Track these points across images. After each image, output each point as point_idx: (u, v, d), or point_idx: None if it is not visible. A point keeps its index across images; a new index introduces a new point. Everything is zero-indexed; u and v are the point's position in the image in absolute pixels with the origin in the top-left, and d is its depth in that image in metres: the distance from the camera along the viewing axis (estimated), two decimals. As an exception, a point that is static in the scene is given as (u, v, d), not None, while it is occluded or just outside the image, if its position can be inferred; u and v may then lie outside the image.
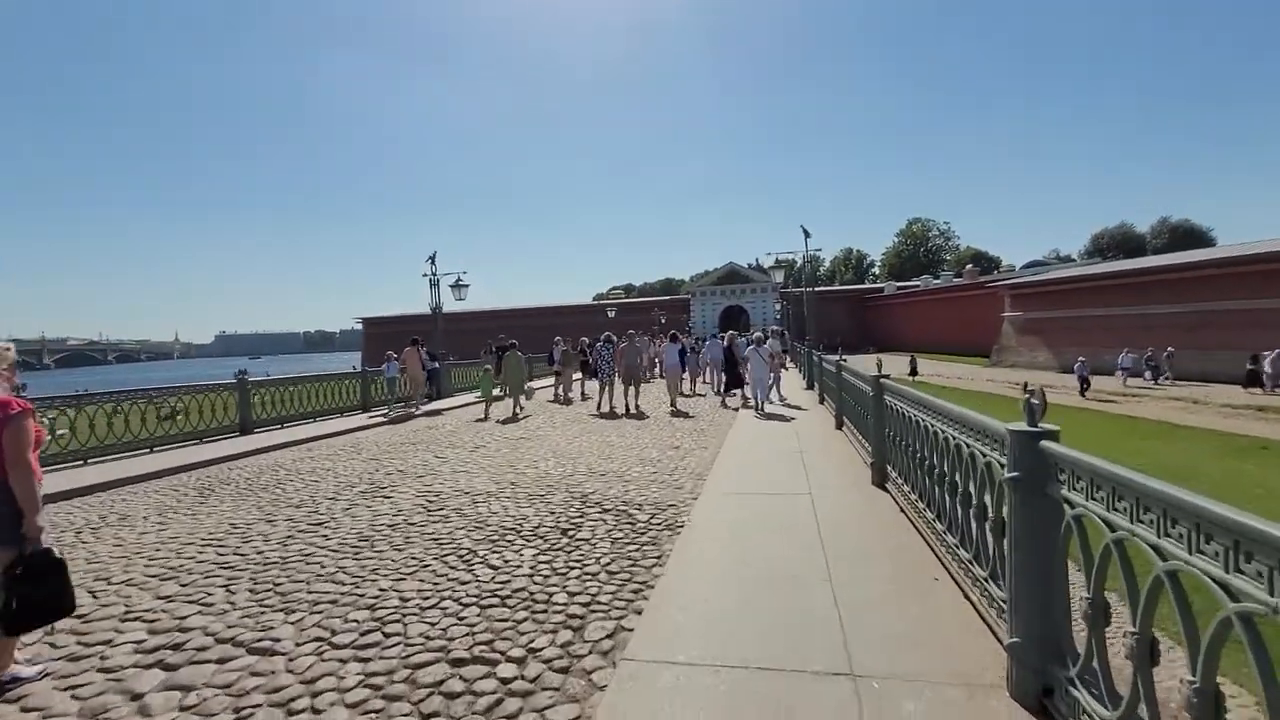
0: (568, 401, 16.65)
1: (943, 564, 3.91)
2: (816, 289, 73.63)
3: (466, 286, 18.87)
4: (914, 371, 32.46)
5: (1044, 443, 2.29)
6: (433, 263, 18.44)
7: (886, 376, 5.74)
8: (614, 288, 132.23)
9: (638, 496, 6.27)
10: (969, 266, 60.23)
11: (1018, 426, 2.42)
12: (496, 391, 15.60)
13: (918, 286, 63.14)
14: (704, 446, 9.09)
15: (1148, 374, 27.03)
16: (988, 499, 2.92)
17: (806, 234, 16.15)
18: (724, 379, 19.83)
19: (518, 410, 14.36)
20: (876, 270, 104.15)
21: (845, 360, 9.42)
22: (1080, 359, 24.59)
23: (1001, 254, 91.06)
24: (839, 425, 9.41)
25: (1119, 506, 1.84)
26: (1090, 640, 2.04)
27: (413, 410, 15.18)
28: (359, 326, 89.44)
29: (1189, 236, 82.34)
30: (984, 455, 2.91)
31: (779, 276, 16.42)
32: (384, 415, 14.42)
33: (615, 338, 17.80)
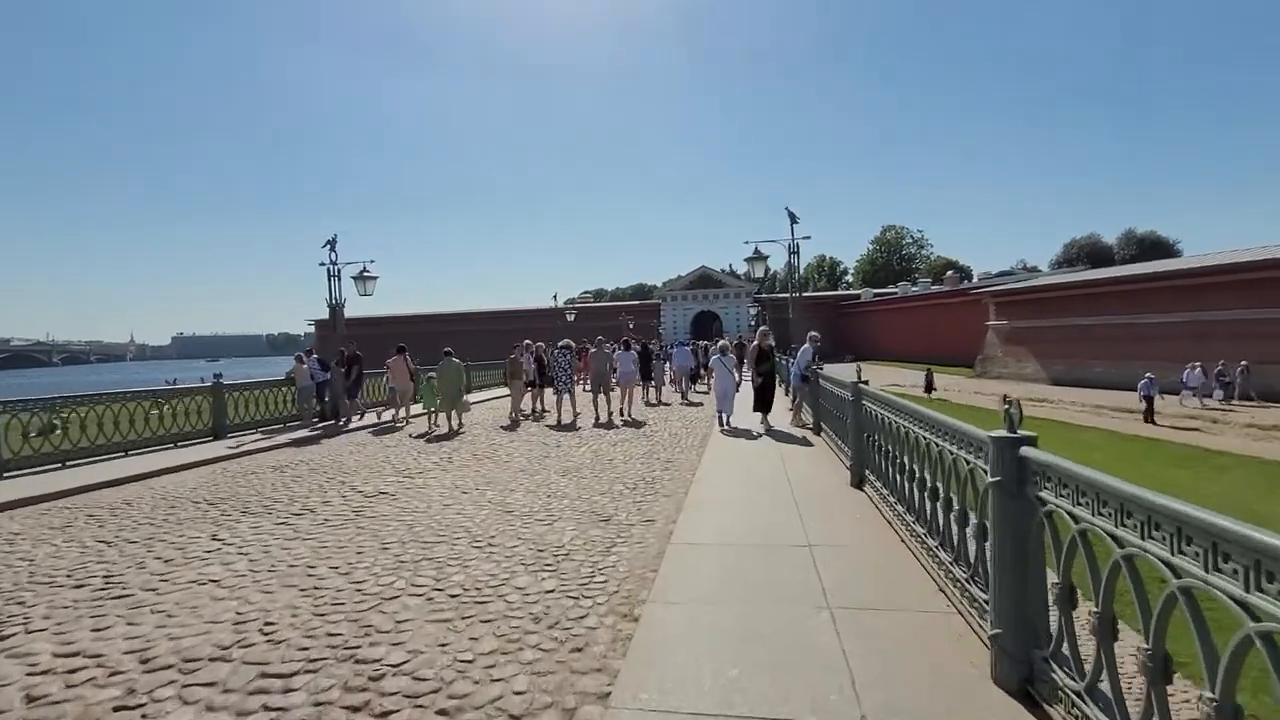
0: (514, 423, 13.31)
1: None
2: (789, 295, 70.96)
3: (373, 279, 15.25)
4: (930, 388, 28.31)
5: None
6: (332, 249, 14.83)
7: (1029, 441, 2.49)
8: (584, 292, 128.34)
9: (466, 715, 2.87)
10: (950, 273, 58.39)
11: None
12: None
13: (896, 293, 61.13)
14: (649, 518, 5.77)
15: (1219, 393, 23.08)
16: None
17: (793, 218, 13.07)
18: (686, 387, 17.61)
19: (454, 425, 12.78)
20: (850, 278, 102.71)
21: (867, 381, 6.23)
22: (1148, 375, 20.40)
23: (970, 264, 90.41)
24: (859, 482, 6.18)
25: None
26: None
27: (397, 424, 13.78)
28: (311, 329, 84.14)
29: (1155, 247, 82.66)
30: None
31: (759, 270, 13.31)
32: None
33: (574, 345, 15.23)
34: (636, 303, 77.40)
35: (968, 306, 45.95)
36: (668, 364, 18.80)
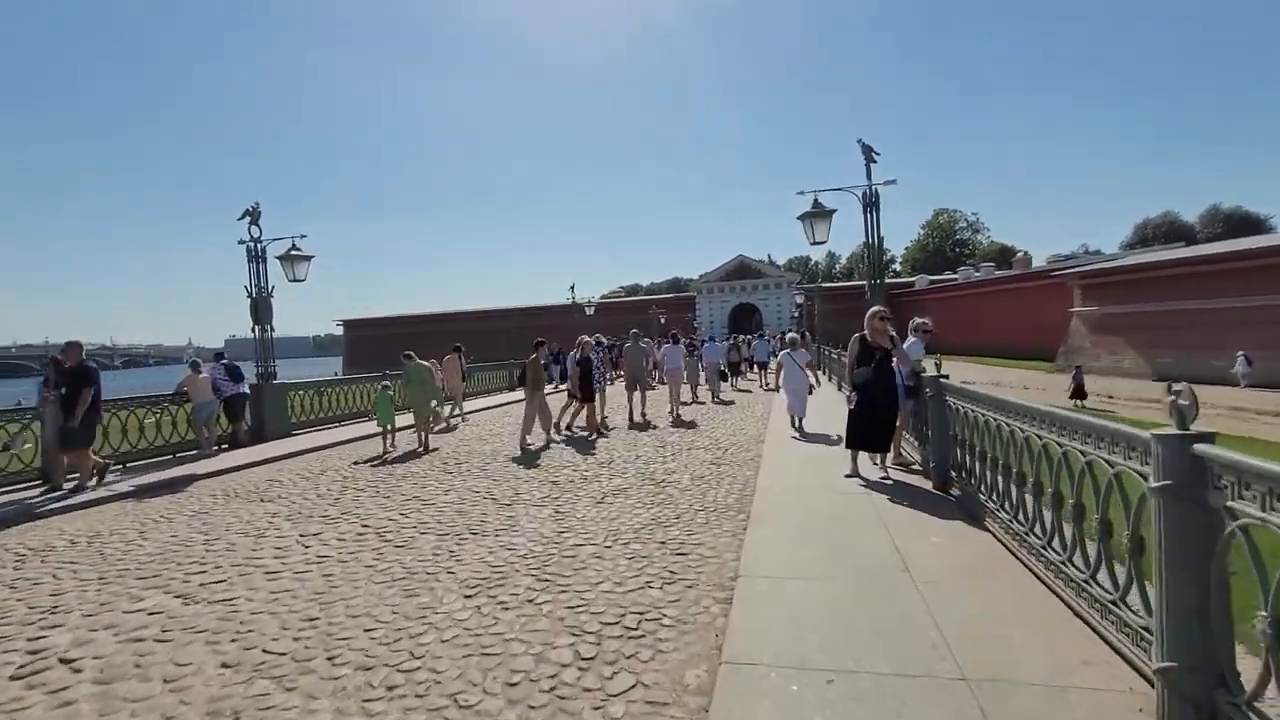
0: (527, 446, 9.86)
1: None
2: (831, 285, 65.11)
3: (307, 259, 11.67)
4: (1081, 393, 21.52)
5: None
6: (253, 221, 11.35)
7: None
8: (619, 287, 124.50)
9: None
10: (1020, 254, 52.37)
11: None
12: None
13: (955, 279, 55.41)
14: None
15: None
16: None
17: (870, 156, 8.93)
18: (718, 386, 16.96)
19: (423, 442, 10.28)
20: (897, 266, 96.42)
21: (1209, 437, 2.19)
22: None
23: (1024, 250, 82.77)
24: (1206, 700, 2.14)
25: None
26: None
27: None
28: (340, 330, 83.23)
29: (1245, 224, 74.64)
30: None
31: (821, 232, 9.22)
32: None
33: (605, 340, 14.22)
34: (670, 296, 73.31)
35: (1043, 292, 40.42)
36: (700, 361, 17.38)
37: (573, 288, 33.60)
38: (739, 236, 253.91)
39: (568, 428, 11.07)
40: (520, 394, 18.46)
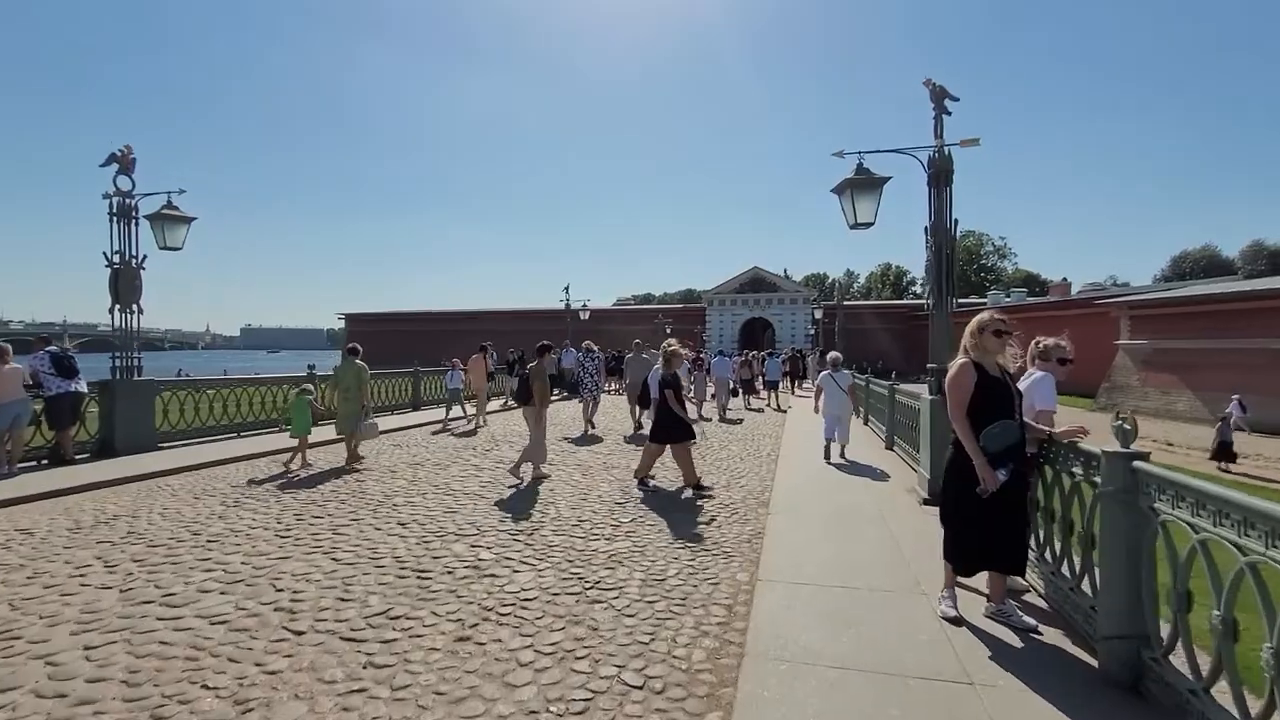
0: (538, 477, 7.65)
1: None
2: (854, 305, 61.67)
3: (186, 223, 8.91)
4: (1227, 454, 16.55)
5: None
6: (123, 170, 8.66)
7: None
8: (633, 295, 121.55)
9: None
10: (1062, 279, 49.07)
11: None
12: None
13: (985, 304, 52.10)
14: None
15: None
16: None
17: (942, 104, 6.09)
18: (726, 401, 16.60)
19: (354, 458, 8.37)
20: (918, 288, 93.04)
21: None
22: None
23: (1052, 279, 79.14)
24: None
25: None
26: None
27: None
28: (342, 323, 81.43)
29: (1294, 260, 70.67)
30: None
31: (865, 212, 6.33)
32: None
33: (596, 348, 13.47)
34: (679, 306, 70.36)
35: (1080, 321, 37.05)
36: (708, 376, 17.01)
37: (567, 289, 30.75)
38: (761, 253, 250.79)
39: (644, 480, 7.42)
40: (501, 400, 15.95)
